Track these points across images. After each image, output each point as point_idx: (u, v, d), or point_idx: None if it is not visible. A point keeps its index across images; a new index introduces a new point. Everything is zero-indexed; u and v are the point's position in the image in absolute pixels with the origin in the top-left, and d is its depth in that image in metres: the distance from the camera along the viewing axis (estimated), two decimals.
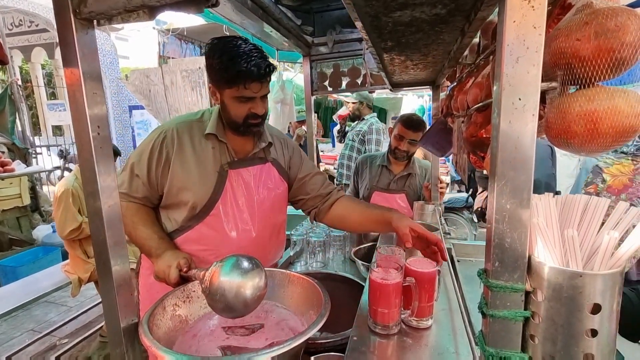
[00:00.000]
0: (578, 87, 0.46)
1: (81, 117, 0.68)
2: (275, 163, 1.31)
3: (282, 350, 0.71)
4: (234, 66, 1.02)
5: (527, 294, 0.48)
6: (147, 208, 1.17)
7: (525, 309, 0.48)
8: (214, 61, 1.06)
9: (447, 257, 0.98)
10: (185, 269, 0.99)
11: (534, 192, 0.47)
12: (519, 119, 0.44)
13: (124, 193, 1.12)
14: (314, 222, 1.40)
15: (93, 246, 0.74)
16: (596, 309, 0.43)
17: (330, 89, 2.18)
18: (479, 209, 5.28)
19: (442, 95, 1.96)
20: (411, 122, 1.98)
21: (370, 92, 2.25)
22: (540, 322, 0.47)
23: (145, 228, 1.11)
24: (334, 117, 4.61)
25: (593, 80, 0.43)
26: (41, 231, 4.02)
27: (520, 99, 0.44)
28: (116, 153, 2.61)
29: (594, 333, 0.43)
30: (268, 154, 1.29)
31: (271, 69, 1.08)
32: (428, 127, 1.93)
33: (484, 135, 0.81)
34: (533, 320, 0.48)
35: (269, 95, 1.21)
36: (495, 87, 0.47)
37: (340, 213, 1.31)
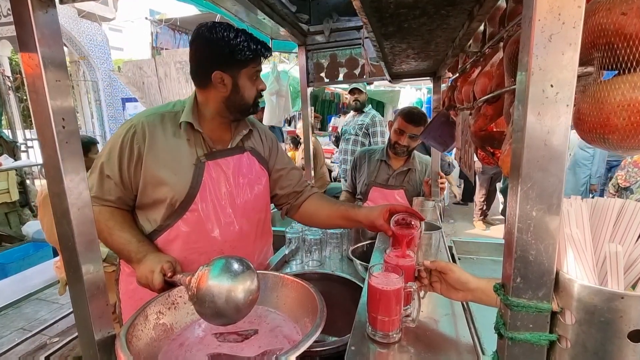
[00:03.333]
0: (619, 72, 0.38)
1: (42, 109, 0.60)
2: (255, 152, 1.25)
3: None
4: (247, 44, 1.04)
5: (554, 314, 0.42)
6: (122, 211, 1.09)
7: (551, 331, 0.42)
8: (229, 43, 1.03)
9: (423, 217, 1.06)
10: (170, 274, 0.92)
11: None
12: (550, 110, 0.37)
13: (95, 197, 1.04)
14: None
15: (61, 252, 0.66)
16: (639, 336, 0.36)
17: (326, 80, 2.09)
18: (481, 210, 5.26)
19: (443, 87, 1.89)
20: (412, 116, 1.90)
21: (368, 84, 2.17)
22: (569, 348, 0.40)
23: (122, 232, 1.03)
24: (329, 128, 4.55)
25: None
26: (31, 227, 3.93)
27: (552, 86, 0.37)
28: (93, 143, 2.51)
29: None
30: (247, 143, 1.23)
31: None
32: (428, 123, 1.85)
33: (495, 129, 0.74)
34: (560, 344, 0.41)
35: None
36: (520, 73, 0.40)
37: (309, 210, 1.33)
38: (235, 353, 0.84)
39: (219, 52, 1.05)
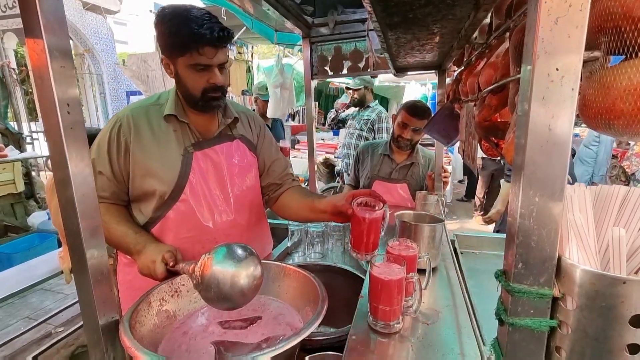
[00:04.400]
0: (626, 56, 0.38)
1: (47, 94, 0.60)
2: (244, 139, 1.23)
3: (275, 352, 0.65)
4: (184, 29, 0.96)
5: (555, 300, 0.42)
6: (117, 206, 1.09)
7: (552, 317, 0.42)
8: (164, 27, 0.99)
9: (384, 200, 1.00)
10: (172, 263, 0.93)
11: None
12: (555, 94, 0.37)
13: None
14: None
15: (66, 237, 0.67)
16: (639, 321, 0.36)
17: (330, 73, 2.08)
18: (481, 206, 5.24)
19: (448, 81, 1.87)
20: (416, 109, 1.89)
21: (372, 77, 2.15)
22: (569, 333, 0.40)
23: (119, 226, 1.03)
24: (336, 105, 4.47)
25: None
26: (36, 218, 3.97)
27: (557, 69, 0.36)
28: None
29: (635, 349, 0.37)
30: (235, 131, 1.21)
31: (227, 33, 1.01)
32: (432, 116, 1.84)
33: (499, 120, 0.73)
34: (560, 330, 0.41)
35: (268, 80, 1.16)
36: (525, 57, 0.39)
37: (284, 202, 1.30)
38: (239, 340, 0.85)
39: (160, 37, 1.02)
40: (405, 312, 0.89)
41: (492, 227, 5.19)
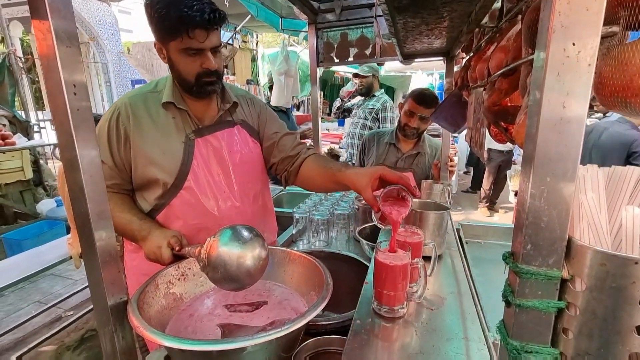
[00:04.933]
0: None
1: (54, 75, 0.60)
2: (245, 125, 1.22)
3: (280, 334, 0.65)
4: (174, 12, 0.93)
5: (563, 282, 0.41)
6: (121, 195, 1.10)
7: (560, 298, 0.42)
8: (153, 10, 0.96)
9: (418, 193, 0.89)
10: (177, 247, 0.93)
11: None
12: (570, 70, 0.36)
13: None
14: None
15: (75, 220, 0.68)
16: None
17: (337, 60, 2.05)
18: (487, 198, 5.21)
19: (456, 69, 1.84)
20: (423, 98, 1.86)
21: (379, 64, 2.12)
22: (577, 315, 0.40)
23: (123, 213, 1.04)
24: (341, 93, 4.43)
25: None
26: (45, 205, 4.03)
27: (574, 44, 0.35)
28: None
29: None
30: (235, 116, 1.20)
31: (218, 15, 0.97)
32: (439, 103, 1.82)
33: (509, 104, 0.72)
34: (568, 312, 0.41)
35: (272, 67, 1.14)
36: (540, 32, 0.38)
37: (307, 175, 1.22)
38: (244, 323, 0.86)
39: (150, 20, 1.00)
40: (409, 298, 0.89)
41: (497, 218, 5.18)
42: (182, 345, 0.61)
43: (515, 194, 4.35)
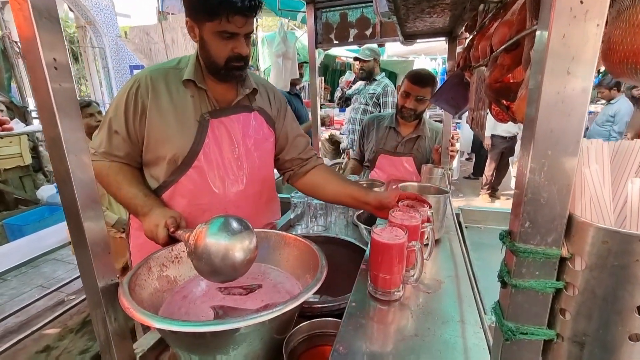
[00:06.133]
0: None
1: (32, 48, 0.57)
2: (262, 112, 1.21)
3: (272, 315, 0.64)
4: None
5: (562, 261, 0.39)
6: (130, 167, 1.10)
7: (558, 279, 0.40)
8: None
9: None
10: (172, 229, 0.92)
11: None
12: (577, 30, 0.33)
13: (105, 152, 1.05)
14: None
15: (61, 198, 0.66)
16: None
17: (336, 41, 1.99)
18: (489, 184, 5.18)
19: (459, 50, 1.78)
20: (419, 77, 1.82)
21: (379, 45, 2.07)
22: (576, 295, 0.38)
23: (130, 187, 1.04)
24: (340, 83, 4.34)
25: None
26: (45, 191, 4.03)
27: (582, 3, 0.32)
28: (88, 105, 2.51)
29: None
30: (253, 102, 1.19)
31: (258, 2, 0.97)
32: (440, 85, 1.77)
33: (512, 80, 0.69)
34: (566, 292, 0.39)
35: (270, 49, 1.12)
36: None
37: (315, 181, 1.28)
38: (238, 306, 0.86)
39: None
40: (406, 281, 0.88)
41: (498, 204, 5.16)
42: (172, 326, 0.60)
43: None
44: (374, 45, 3.29)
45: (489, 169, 5.21)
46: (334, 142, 5.12)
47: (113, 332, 0.75)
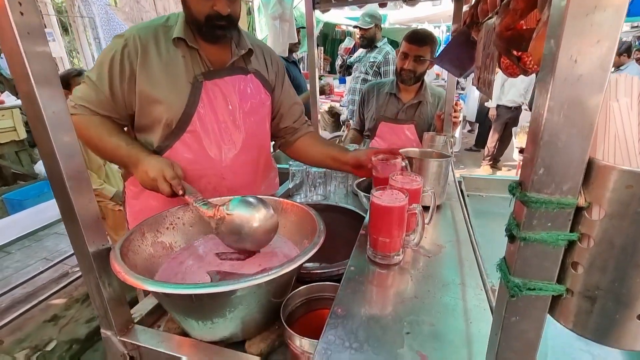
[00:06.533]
0: None
1: None
2: (258, 75, 1.16)
3: (268, 277, 0.63)
4: None
5: (577, 211, 0.36)
6: (112, 120, 1.05)
7: (572, 230, 0.37)
8: None
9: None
10: (181, 192, 0.90)
11: None
12: None
13: (84, 106, 1.00)
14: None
15: (42, 157, 0.62)
16: None
17: (334, 2, 1.88)
18: (490, 155, 5.11)
19: (466, 8, 1.68)
20: (417, 36, 1.73)
21: (381, 6, 1.95)
22: (591, 247, 0.35)
23: (111, 137, 1.00)
24: (340, 51, 4.17)
25: None
26: (43, 166, 4.00)
27: None
28: (79, 74, 2.44)
29: None
30: (249, 64, 1.14)
31: None
32: (444, 46, 1.68)
33: (524, 27, 0.63)
34: (580, 244, 0.36)
35: (265, 11, 1.06)
36: None
37: (301, 147, 1.32)
38: (235, 271, 0.85)
39: None
40: (406, 246, 0.86)
41: (499, 175, 5.13)
42: (165, 289, 0.59)
43: (520, 151, 4.26)
44: (375, 10, 3.13)
45: (492, 140, 5.14)
46: (333, 114, 5.01)
47: (108, 297, 0.74)
